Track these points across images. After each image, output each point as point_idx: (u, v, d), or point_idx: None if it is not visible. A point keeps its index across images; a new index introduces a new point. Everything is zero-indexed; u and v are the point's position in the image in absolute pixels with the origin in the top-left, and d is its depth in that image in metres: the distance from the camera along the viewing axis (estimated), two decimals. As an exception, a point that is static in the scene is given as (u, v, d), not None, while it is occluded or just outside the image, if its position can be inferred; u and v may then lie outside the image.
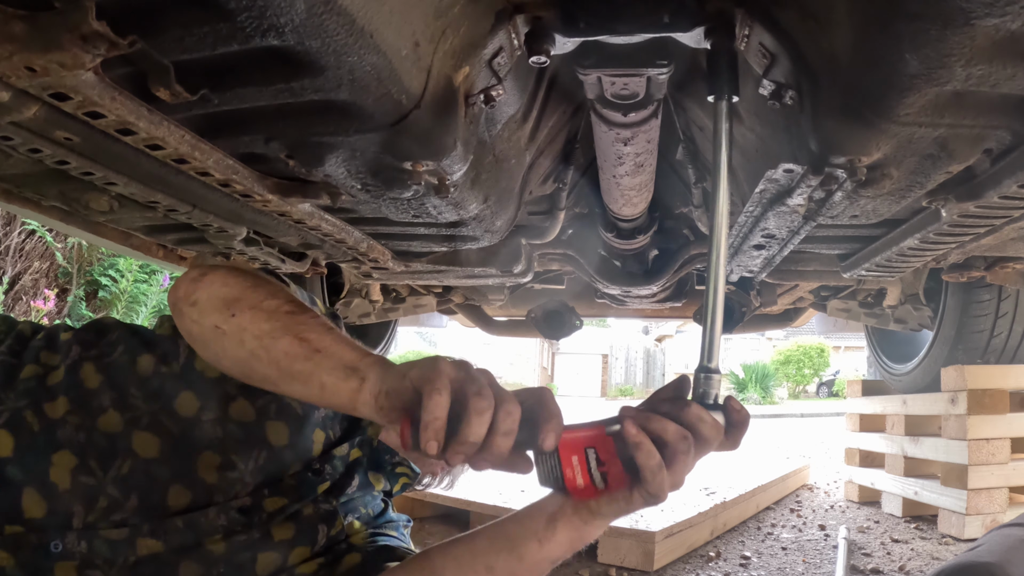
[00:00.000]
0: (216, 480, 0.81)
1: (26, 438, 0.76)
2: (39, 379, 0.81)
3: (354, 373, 0.69)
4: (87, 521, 0.74)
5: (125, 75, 0.72)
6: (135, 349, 0.85)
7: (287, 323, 0.74)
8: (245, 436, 0.83)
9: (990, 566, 0.92)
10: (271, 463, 0.85)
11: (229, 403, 0.84)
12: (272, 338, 0.73)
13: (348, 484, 0.92)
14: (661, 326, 20.12)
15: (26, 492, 0.74)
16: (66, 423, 0.78)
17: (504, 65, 0.99)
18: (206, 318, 0.77)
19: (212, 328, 0.76)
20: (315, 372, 0.70)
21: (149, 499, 0.77)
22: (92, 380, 0.82)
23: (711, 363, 0.78)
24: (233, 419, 0.84)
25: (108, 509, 0.75)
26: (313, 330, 0.74)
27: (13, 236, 4.29)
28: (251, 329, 0.74)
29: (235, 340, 0.75)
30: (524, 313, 2.68)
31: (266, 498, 0.83)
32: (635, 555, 2.02)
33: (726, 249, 0.86)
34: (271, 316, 0.75)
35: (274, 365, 0.73)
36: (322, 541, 0.85)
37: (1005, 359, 2.23)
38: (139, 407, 0.81)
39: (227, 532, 0.79)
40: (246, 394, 0.85)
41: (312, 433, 0.90)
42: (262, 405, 0.86)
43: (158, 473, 0.78)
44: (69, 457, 0.76)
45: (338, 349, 0.72)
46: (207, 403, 0.83)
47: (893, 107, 0.80)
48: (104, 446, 0.77)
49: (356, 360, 0.70)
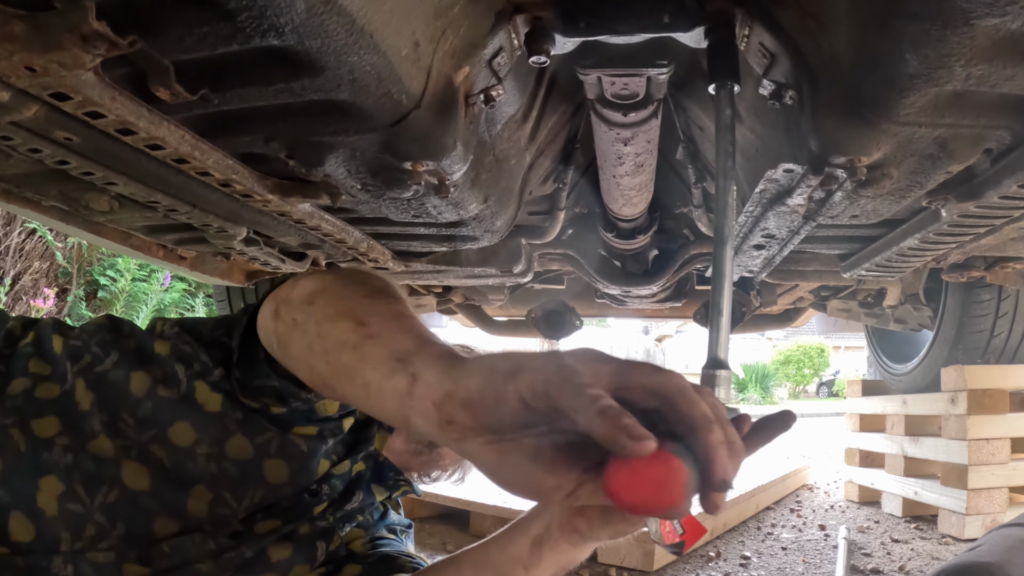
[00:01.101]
0: (207, 515, 0.76)
1: (12, 458, 0.71)
2: (27, 394, 0.76)
3: (401, 367, 0.50)
4: (75, 548, 0.71)
5: (125, 75, 0.72)
6: (129, 363, 0.79)
7: (354, 305, 0.59)
8: (240, 475, 0.78)
9: (990, 566, 0.92)
10: (267, 499, 0.80)
11: (227, 439, 0.78)
12: (331, 322, 0.58)
13: (348, 501, 0.88)
14: (661, 326, 20.10)
15: (13, 516, 0.70)
16: (54, 445, 0.73)
17: (504, 65, 0.99)
18: (290, 313, 0.65)
19: (291, 322, 0.64)
20: (359, 366, 0.53)
21: (135, 527, 0.73)
22: (84, 402, 0.76)
23: (720, 356, 0.73)
24: (229, 456, 0.78)
25: (96, 537, 0.72)
26: (379, 313, 0.57)
27: (13, 236, 4.29)
28: (316, 315, 0.60)
29: (302, 329, 0.61)
30: (524, 313, 2.68)
31: (258, 521, 0.79)
32: (635, 555, 2.02)
33: (732, 238, 0.84)
34: (342, 299, 0.61)
35: (324, 357, 0.57)
36: (321, 558, 0.83)
37: (1005, 359, 2.23)
38: (130, 436, 0.75)
39: (216, 555, 0.75)
40: (246, 430, 0.79)
41: (316, 466, 0.85)
42: (262, 442, 0.79)
43: (146, 504, 0.74)
44: (56, 483, 0.71)
45: (395, 335, 0.54)
46: (203, 436, 0.77)
47: (893, 107, 0.80)
48: (92, 471, 0.73)
49: (409, 349, 0.51)
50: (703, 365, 0.73)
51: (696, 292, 2.44)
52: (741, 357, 17.57)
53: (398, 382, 0.50)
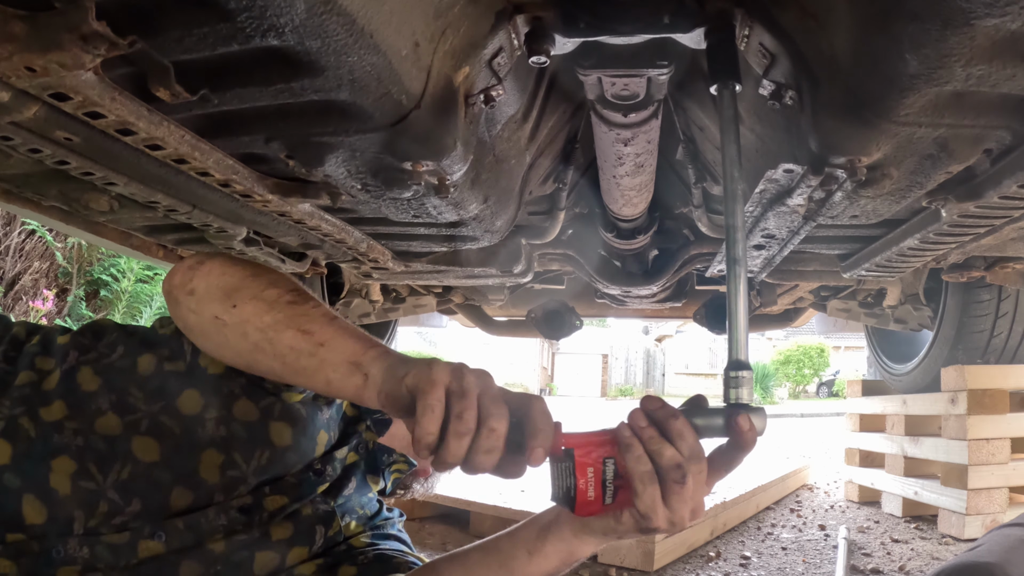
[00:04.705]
0: (218, 479, 0.80)
1: (23, 445, 0.74)
2: (34, 385, 0.79)
3: (357, 369, 0.68)
4: (88, 526, 0.73)
5: (125, 75, 0.72)
6: (135, 350, 0.84)
7: (289, 315, 0.73)
8: (248, 435, 0.82)
9: (990, 566, 0.92)
10: (274, 463, 0.84)
11: (233, 402, 0.83)
12: (275, 331, 0.72)
13: (345, 486, 0.91)
14: (661, 326, 20.13)
15: (26, 499, 0.72)
16: (63, 428, 0.76)
17: (504, 65, 0.99)
18: (205, 308, 0.76)
19: (212, 319, 0.75)
20: (320, 368, 0.70)
21: (151, 502, 0.76)
22: (90, 383, 0.80)
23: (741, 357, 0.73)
24: (237, 418, 0.82)
25: (109, 514, 0.74)
26: (315, 321, 0.72)
27: (13, 236, 4.29)
28: (253, 321, 0.73)
29: (237, 332, 0.74)
30: (524, 313, 2.68)
31: (267, 496, 0.82)
32: (635, 555, 2.02)
33: (744, 235, 0.84)
34: (272, 307, 0.74)
35: (279, 359, 0.72)
36: (320, 542, 0.85)
37: (1005, 359, 2.23)
38: (139, 408, 0.79)
39: (227, 531, 0.78)
40: (249, 394, 0.84)
41: (316, 435, 0.89)
42: (266, 405, 0.85)
43: (160, 476, 0.77)
44: (68, 462, 0.74)
45: (341, 343, 0.70)
46: (210, 401, 0.82)
47: (893, 107, 0.80)
48: (103, 449, 0.76)
49: (359, 354, 0.69)
50: (725, 367, 0.74)
51: (696, 292, 2.44)
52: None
53: (356, 379, 0.68)
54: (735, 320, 0.76)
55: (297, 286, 0.78)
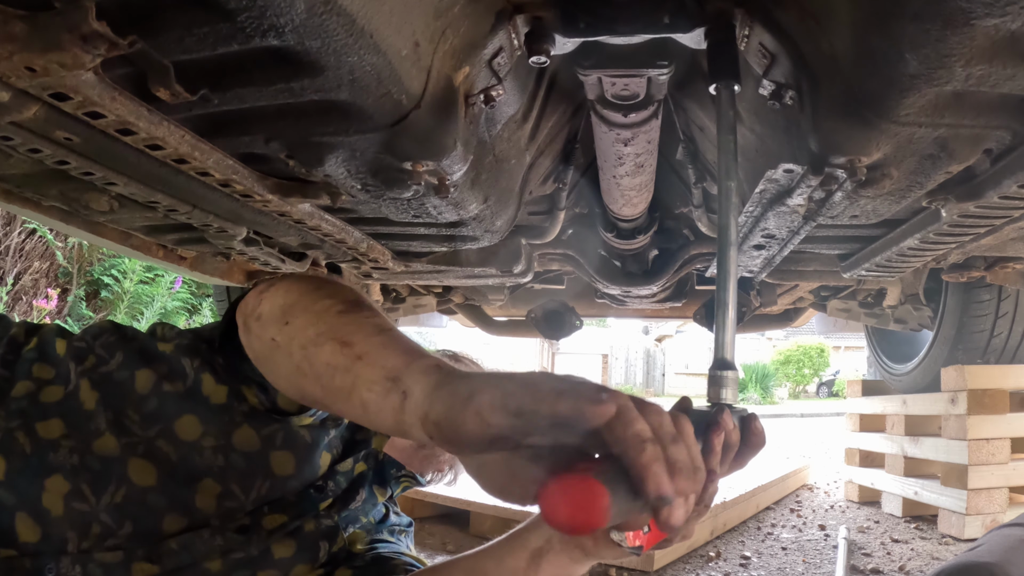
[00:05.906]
0: (215, 509, 0.77)
1: (18, 461, 0.72)
2: (31, 397, 0.76)
3: (394, 386, 0.53)
4: (82, 547, 0.71)
5: (125, 75, 0.72)
6: (134, 362, 0.80)
7: (333, 324, 0.61)
8: (248, 466, 0.79)
9: (990, 566, 0.92)
10: (274, 492, 0.81)
11: (233, 431, 0.79)
12: (316, 345, 0.60)
13: (353, 499, 0.89)
14: (661, 326, 20.12)
15: (19, 517, 0.70)
16: (59, 446, 0.73)
17: (504, 65, 0.99)
18: (265, 331, 0.67)
19: (269, 341, 0.66)
20: (354, 388, 0.56)
21: (144, 526, 0.74)
22: (88, 401, 0.77)
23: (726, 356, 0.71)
24: (236, 448, 0.78)
25: (101, 536, 0.72)
26: (362, 330, 0.59)
27: (13, 236, 4.29)
28: (298, 338, 0.62)
29: (285, 352, 0.63)
30: (524, 313, 2.68)
31: (265, 516, 0.80)
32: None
33: (737, 240, 0.82)
34: (319, 318, 0.62)
35: (318, 382, 0.60)
36: (323, 558, 0.83)
37: (1005, 359, 2.23)
38: (136, 432, 0.76)
39: (224, 551, 0.76)
40: (252, 422, 0.80)
41: (319, 458, 0.86)
42: (268, 434, 0.81)
43: (154, 502, 0.74)
44: (62, 482, 0.72)
45: (382, 355, 0.56)
46: (209, 429, 0.78)
47: (893, 107, 0.80)
48: (98, 470, 0.73)
49: (400, 367, 0.54)
50: (710, 367, 0.73)
51: (696, 292, 2.44)
52: (741, 357, 17.57)
53: (393, 400, 0.53)
54: (723, 319, 0.75)
55: (358, 296, 0.67)
